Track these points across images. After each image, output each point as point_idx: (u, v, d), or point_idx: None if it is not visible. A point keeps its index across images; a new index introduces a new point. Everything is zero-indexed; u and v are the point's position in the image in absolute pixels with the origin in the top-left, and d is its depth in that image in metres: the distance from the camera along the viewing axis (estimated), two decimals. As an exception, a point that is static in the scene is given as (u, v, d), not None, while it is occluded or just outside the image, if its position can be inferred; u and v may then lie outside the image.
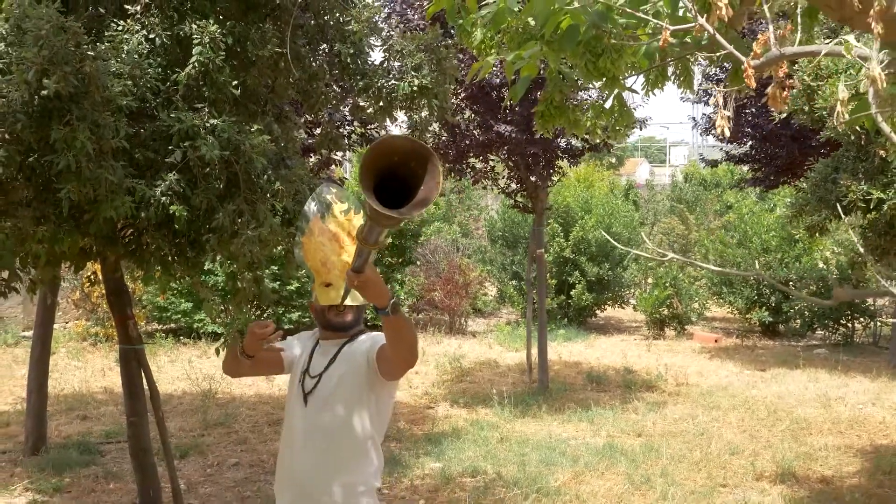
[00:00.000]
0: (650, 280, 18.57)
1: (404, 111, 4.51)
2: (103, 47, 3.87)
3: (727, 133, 2.15)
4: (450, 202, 20.81)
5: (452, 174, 10.52)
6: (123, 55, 3.95)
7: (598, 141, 11.13)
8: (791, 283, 15.75)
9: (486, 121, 9.82)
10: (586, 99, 3.36)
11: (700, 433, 9.13)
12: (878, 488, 7.38)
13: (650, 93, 3.08)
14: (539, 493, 7.03)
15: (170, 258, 4.20)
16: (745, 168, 14.95)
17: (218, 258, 4.19)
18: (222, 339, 4.41)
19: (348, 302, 3.40)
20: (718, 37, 1.90)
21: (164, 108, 4.08)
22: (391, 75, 4.45)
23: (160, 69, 4.13)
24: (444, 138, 9.94)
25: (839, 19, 1.82)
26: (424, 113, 4.46)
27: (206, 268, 4.33)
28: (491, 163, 10.85)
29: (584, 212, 17.25)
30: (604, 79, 2.88)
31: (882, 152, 5.17)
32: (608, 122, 3.16)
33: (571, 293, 16.91)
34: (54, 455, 7.83)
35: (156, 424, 5.25)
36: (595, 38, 2.86)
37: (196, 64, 4.04)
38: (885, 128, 1.96)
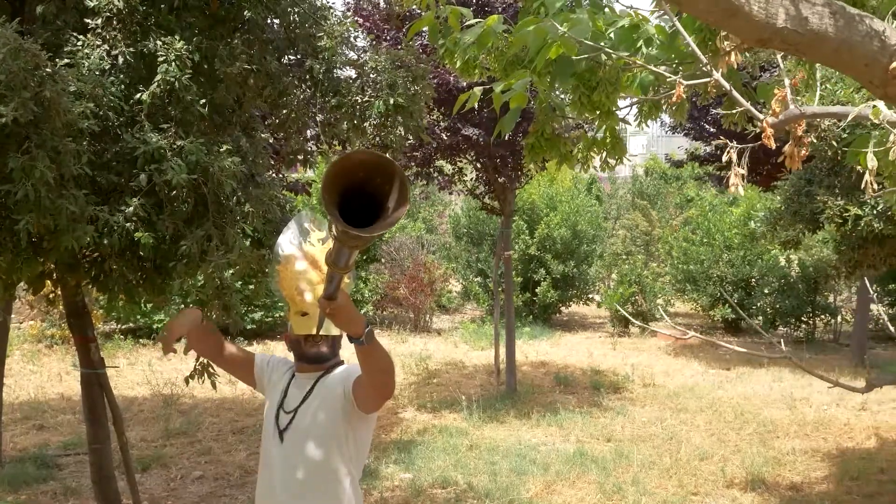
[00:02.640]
0: (614, 276, 18.61)
1: (377, 130, 4.34)
2: (62, 63, 3.66)
3: (741, 192, 2.04)
4: (414, 198, 20.62)
5: (420, 178, 10.35)
6: (84, 72, 3.74)
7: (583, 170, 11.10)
8: (753, 280, 15.85)
9: (453, 124, 9.68)
10: (575, 129, 3.21)
11: (669, 437, 9.12)
12: (846, 494, 7.40)
13: (644, 124, 2.97)
14: (511, 504, 6.96)
15: (135, 284, 4.01)
16: (711, 167, 14.99)
17: (185, 285, 4.00)
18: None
19: (324, 332, 3.26)
20: (735, 94, 1.78)
21: (127, 128, 3.88)
22: (366, 92, 4.28)
23: (123, 87, 3.93)
24: (410, 142, 9.75)
25: (882, 97, 1.71)
26: (399, 131, 4.29)
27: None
28: (459, 164, 10.71)
29: (549, 209, 17.19)
30: (597, 112, 2.76)
31: (858, 168, 5.12)
32: (599, 154, 3.04)
33: (537, 290, 16.87)
34: (10, 470, 7.56)
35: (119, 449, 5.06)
36: (589, 71, 2.74)
37: (161, 82, 3.84)
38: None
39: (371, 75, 4.29)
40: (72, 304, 4.67)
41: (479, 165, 10.61)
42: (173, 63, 3.85)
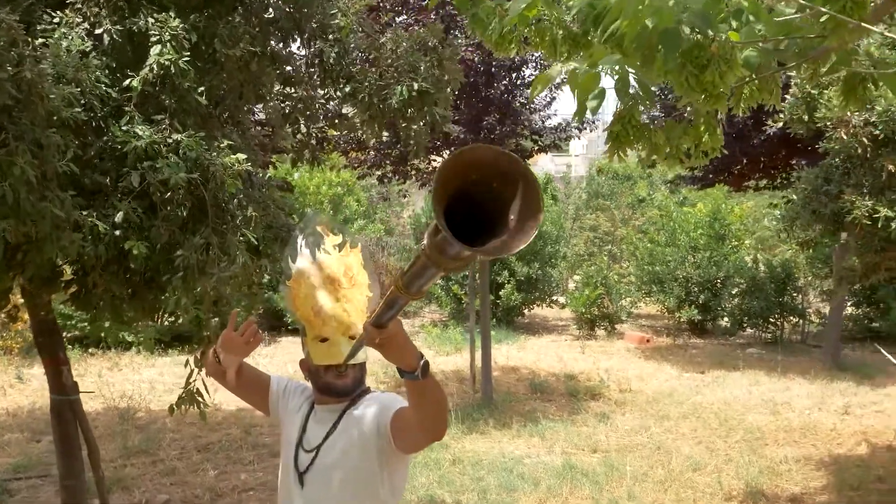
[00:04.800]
0: (577, 277, 18.32)
1: (398, 121, 3.84)
2: (38, 43, 3.11)
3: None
4: (370, 198, 20.08)
5: (396, 177, 9.85)
6: (62, 54, 3.18)
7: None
8: (719, 280, 15.68)
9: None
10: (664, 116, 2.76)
11: (657, 447, 8.78)
12: (849, 505, 7.14)
13: (744, 110, 2.54)
14: (507, 526, 6.53)
15: (122, 301, 3.45)
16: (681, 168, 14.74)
17: (182, 302, 3.45)
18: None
19: (353, 361, 2.77)
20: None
21: (114, 119, 3.33)
22: (384, 78, 3.77)
23: (108, 72, 3.37)
24: (386, 138, 9.26)
25: None
26: (422, 123, 3.79)
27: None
28: (434, 164, 10.23)
29: (511, 209, 16.79)
30: (704, 94, 2.32)
31: (891, 167, 4.80)
32: (691, 144, 2.60)
33: (500, 293, 16.46)
34: (-48, 498, 6.89)
35: (94, 484, 4.48)
36: (697, 47, 2.29)
37: (154, 66, 3.30)
38: None
39: (389, 58, 3.77)
40: (42, 322, 4.08)
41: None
42: (168, 44, 3.31)
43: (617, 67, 2.44)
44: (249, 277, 3.68)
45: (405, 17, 8.54)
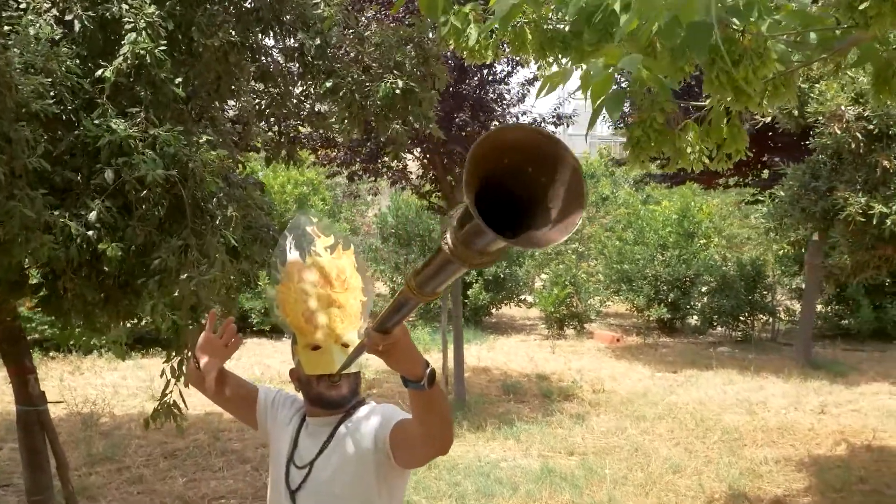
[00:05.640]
0: (543, 275, 18.23)
1: (380, 120, 3.64)
2: (4, 30, 2.88)
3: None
4: (335, 196, 19.81)
5: (367, 175, 9.64)
6: (31, 42, 2.96)
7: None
8: (688, 279, 15.67)
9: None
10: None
11: (634, 449, 8.68)
12: (834, 508, 7.09)
13: (767, 109, 2.39)
14: (487, 533, 6.37)
15: (94, 306, 3.23)
16: (654, 165, 14.70)
17: (159, 307, 3.23)
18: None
19: (347, 370, 2.59)
20: None
21: (86, 112, 3.11)
22: (367, 74, 3.58)
23: (79, 61, 3.15)
24: (355, 135, 9.04)
25: None
26: (403, 123, 3.60)
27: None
28: (404, 161, 10.03)
29: (480, 208, 16.67)
30: (735, 92, 2.17)
31: (885, 162, 4.72)
32: (713, 146, 2.45)
33: (468, 293, 16.32)
34: None
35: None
36: (728, 42, 2.14)
37: (129, 55, 3.08)
38: None
39: (374, 53, 3.57)
40: (8, 329, 3.83)
41: (426, 162, 9.96)
42: (143, 32, 3.09)
43: (638, 67, 2.29)
44: (229, 281, 3.48)
45: (377, 12, 8.33)
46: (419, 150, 9.60)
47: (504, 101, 9.73)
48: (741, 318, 15.41)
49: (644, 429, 9.49)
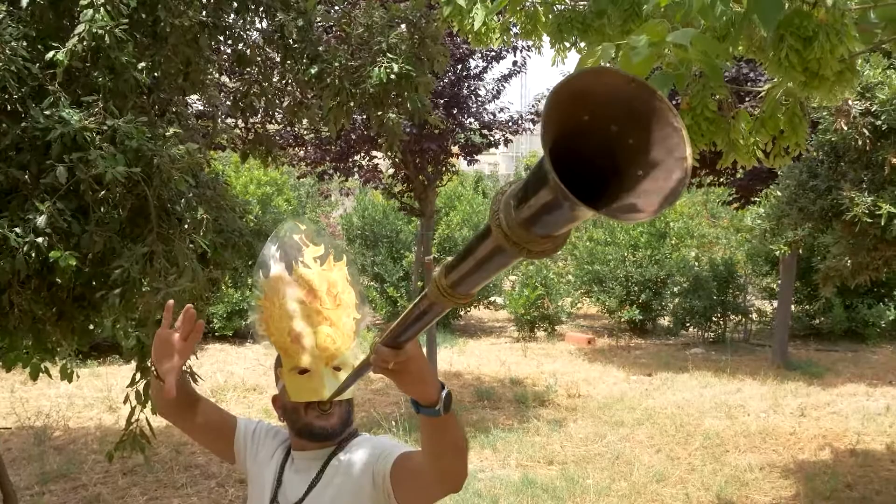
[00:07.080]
0: (513, 277, 17.96)
1: (369, 108, 3.27)
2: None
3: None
4: (300, 197, 19.33)
5: (338, 174, 9.25)
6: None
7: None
8: (660, 279, 15.49)
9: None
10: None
11: (615, 457, 8.40)
12: (826, 516, 6.87)
13: (837, 97, 2.07)
14: (471, 553, 6.04)
15: (46, 323, 2.82)
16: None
17: (120, 324, 2.83)
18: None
19: (339, 398, 2.24)
20: None
21: (35, 101, 2.70)
22: (357, 58, 3.21)
23: (27, 43, 2.74)
24: (325, 132, 8.65)
25: None
26: (399, 111, 3.24)
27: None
28: (374, 160, 9.66)
29: (448, 208, 16.36)
30: (806, 75, 1.84)
31: (894, 160, 4.46)
32: (768, 139, 2.12)
33: (437, 295, 15.98)
34: None
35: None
36: (799, 14, 1.81)
37: (84, 36, 2.68)
38: None
39: (363, 34, 3.20)
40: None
41: (397, 161, 9.58)
42: (101, 9, 2.69)
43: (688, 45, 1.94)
44: (200, 291, 3.08)
45: None
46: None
47: (479, 98, 9.40)
48: (713, 318, 15.24)
49: (624, 435, 9.22)
